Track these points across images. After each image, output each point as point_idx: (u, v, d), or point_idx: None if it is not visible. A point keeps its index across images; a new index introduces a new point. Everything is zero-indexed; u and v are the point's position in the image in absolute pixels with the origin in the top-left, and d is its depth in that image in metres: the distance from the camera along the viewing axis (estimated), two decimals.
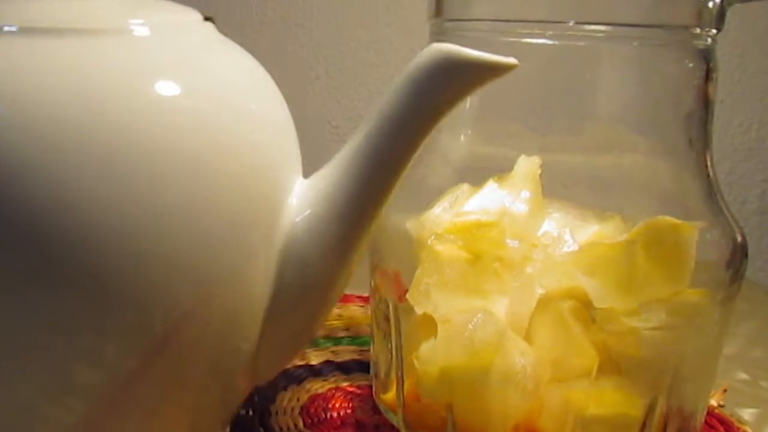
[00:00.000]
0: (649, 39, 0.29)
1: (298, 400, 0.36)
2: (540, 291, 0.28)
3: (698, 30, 0.29)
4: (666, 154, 0.31)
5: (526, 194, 0.30)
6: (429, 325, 0.30)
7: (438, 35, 0.32)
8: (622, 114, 0.31)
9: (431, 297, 0.29)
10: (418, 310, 0.30)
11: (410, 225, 0.31)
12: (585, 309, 0.28)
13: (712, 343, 0.31)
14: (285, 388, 0.37)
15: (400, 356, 0.32)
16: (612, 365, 0.28)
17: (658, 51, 0.30)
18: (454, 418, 0.29)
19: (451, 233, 0.30)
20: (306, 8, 0.90)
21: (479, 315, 0.28)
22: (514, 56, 0.31)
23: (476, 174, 0.31)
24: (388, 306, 0.33)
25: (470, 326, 0.28)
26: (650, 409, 0.29)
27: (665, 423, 0.30)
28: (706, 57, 0.30)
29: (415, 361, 0.30)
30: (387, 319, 0.33)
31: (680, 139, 0.31)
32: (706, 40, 0.30)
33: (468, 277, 0.29)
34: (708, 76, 0.30)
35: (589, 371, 0.28)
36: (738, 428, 0.36)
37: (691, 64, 0.30)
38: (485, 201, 0.30)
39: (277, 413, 0.35)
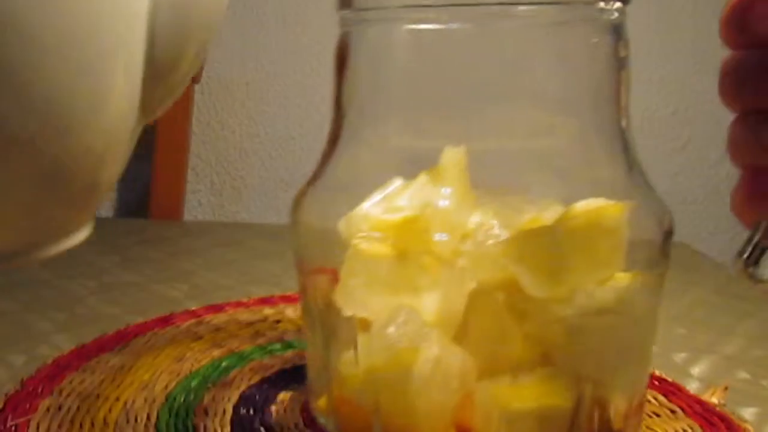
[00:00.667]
0: (555, 16, 0.29)
1: (298, 400, 0.36)
2: (472, 284, 0.28)
3: (603, 4, 0.29)
4: (584, 135, 0.30)
5: (451, 185, 0.29)
6: (356, 327, 0.29)
7: (346, 27, 0.31)
8: (537, 96, 0.30)
9: (357, 298, 0.28)
10: (346, 312, 0.29)
11: (341, 224, 0.30)
12: (518, 300, 0.27)
13: (645, 327, 0.30)
14: (285, 388, 0.37)
15: (328, 360, 0.31)
16: (544, 357, 0.28)
17: (565, 29, 0.29)
18: (381, 421, 0.29)
19: (378, 230, 0.29)
20: (305, 7, 0.90)
21: (401, 313, 0.28)
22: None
23: (410, 167, 0.30)
24: (315, 309, 0.32)
25: (392, 326, 0.28)
26: (579, 399, 0.28)
27: (599, 412, 0.29)
28: (616, 32, 0.29)
29: (340, 365, 0.29)
30: (314, 322, 0.32)
31: (596, 118, 0.30)
32: (613, 15, 0.29)
33: (395, 274, 0.28)
34: (617, 50, 0.30)
35: (522, 364, 0.28)
36: (739, 427, 0.36)
37: (600, 40, 0.30)
38: (414, 196, 0.29)
39: (277, 413, 0.35)
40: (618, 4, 0.29)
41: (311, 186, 0.32)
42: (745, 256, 0.29)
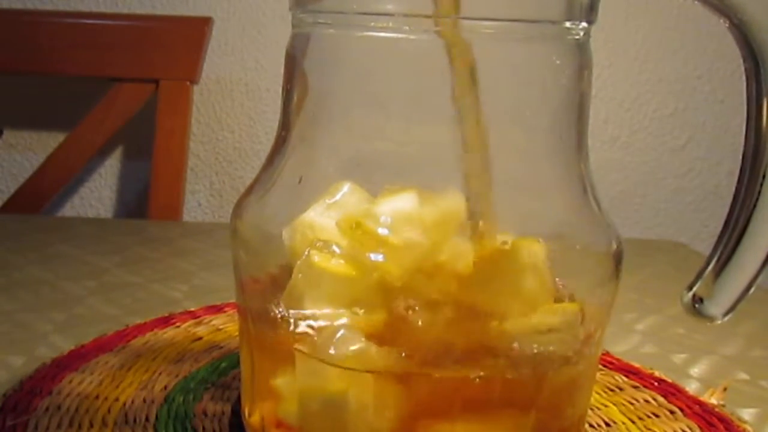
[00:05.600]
0: (517, 33, 0.28)
1: None
2: (415, 306, 0.27)
3: (569, 24, 0.28)
4: (539, 153, 0.30)
5: (437, 226, 0.28)
6: (295, 340, 0.28)
7: (299, 28, 0.30)
8: (495, 110, 0.29)
9: (305, 305, 0.27)
10: (291, 317, 0.27)
11: (285, 232, 0.29)
12: (466, 324, 0.27)
13: (589, 354, 0.30)
14: None
15: (262, 377, 0.30)
16: (487, 385, 0.27)
17: (527, 46, 0.28)
18: None
19: (343, 226, 0.28)
20: None
21: (340, 331, 0.26)
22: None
23: (357, 175, 0.29)
24: (251, 320, 0.30)
25: (330, 344, 0.26)
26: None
27: None
28: (579, 52, 0.29)
29: (275, 384, 0.28)
30: (250, 334, 0.31)
31: (551, 137, 0.29)
32: (578, 35, 0.28)
33: (345, 292, 0.27)
34: (580, 71, 0.29)
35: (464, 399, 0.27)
36: (738, 427, 0.36)
37: (562, 60, 0.29)
38: (393, 212, 0.28)
39: None
40: (584, 24, 0.28)
41: (253, 192, 0.31)
42: (693, 291, 0.29)
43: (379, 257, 0.27)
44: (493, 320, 0.27)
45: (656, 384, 0.40)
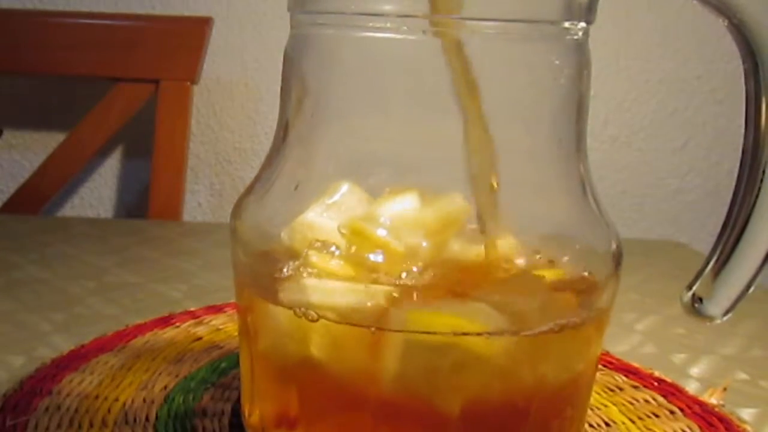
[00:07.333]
0: (516, 33, 0.28)
1: None
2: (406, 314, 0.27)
3: (568, 24, 0.28)
4: (538, 154, 0.30)
5: (440, 231, 0.28)
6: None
7: (298, 29, 0.30)
8: (494, 111, 0.29)
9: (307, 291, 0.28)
10: (293, 300, 0.28)
11: (284, 233, 0.29)
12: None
13: (589, 353, 0.30)
14: None
15: (261, 375, 0.30)
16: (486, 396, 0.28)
17: (526, 46, 0.28)
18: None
19: (345, 232, 0.28)
20: None
21: (345, 285, 0.27)
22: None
23: (355, 171, 0.30)
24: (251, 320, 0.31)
25: (338, 295, 0.27)
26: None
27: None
28: (577, 52, 0.29)
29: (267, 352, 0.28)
30: (249, 335, 0.31)
31: (550, 138, 0.29)
32: (577, 35, 0.28)
33: (345, 292, 0.27)
34: (579, 71, 0.29)
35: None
36: (738, 427, 0.36)
37: (560, 61, 0.29)
38: (394, 215, 0.28)
39: None
40: (582, 24, 0.28)
41: (253, 193, 0.31)
42: (693, 290, 0.29)
43: (379, 258, 0.27)
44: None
45: (656, 384, 0.40)
